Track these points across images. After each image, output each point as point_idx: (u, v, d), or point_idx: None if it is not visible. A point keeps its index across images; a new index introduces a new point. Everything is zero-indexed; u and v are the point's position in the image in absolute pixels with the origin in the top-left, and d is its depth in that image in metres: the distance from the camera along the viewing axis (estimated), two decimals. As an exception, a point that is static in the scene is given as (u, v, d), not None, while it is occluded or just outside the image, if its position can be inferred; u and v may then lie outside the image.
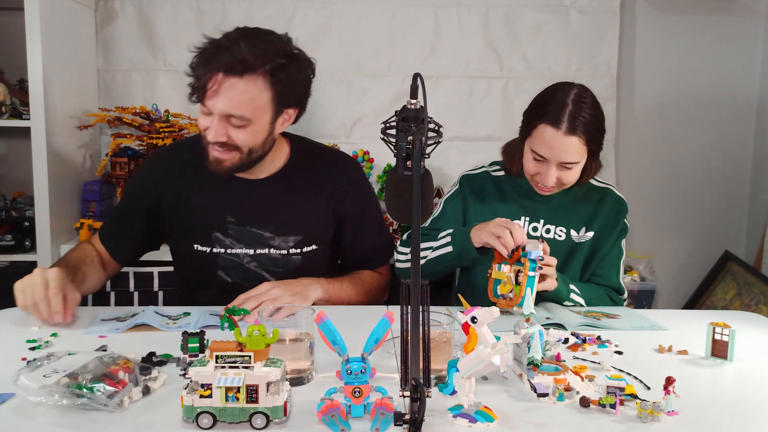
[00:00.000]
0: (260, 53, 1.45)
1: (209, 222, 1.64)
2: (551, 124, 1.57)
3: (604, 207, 1.74)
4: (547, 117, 1.58)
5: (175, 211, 1.66)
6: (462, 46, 2.67)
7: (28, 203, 2.34)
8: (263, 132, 1.53)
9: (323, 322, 1.00)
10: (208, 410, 0.95)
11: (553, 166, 1.60)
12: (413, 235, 0.97)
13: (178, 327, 1.40)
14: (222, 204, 1.63)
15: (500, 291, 1.52)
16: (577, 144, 1.57)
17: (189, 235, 1.66)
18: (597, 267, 1.75)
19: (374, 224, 1.79)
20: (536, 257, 1.45)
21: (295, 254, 1.65)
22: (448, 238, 1.64)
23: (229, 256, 1.64)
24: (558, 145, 1.57)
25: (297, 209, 1.66)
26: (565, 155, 1.58)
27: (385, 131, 1.13)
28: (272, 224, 1.63)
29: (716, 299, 2.80)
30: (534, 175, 1.65)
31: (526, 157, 1.65)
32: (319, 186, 1.68)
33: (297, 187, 1.66)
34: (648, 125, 2.86)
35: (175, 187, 1.65)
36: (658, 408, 1.00)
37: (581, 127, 1.56)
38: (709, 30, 2.81)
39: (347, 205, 1.71)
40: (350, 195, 1.71)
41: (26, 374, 1.04)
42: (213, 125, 1.48)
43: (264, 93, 1.47)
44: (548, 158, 1.59)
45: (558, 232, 1.73)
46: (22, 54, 2.13)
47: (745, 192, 2.93)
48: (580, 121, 1.56)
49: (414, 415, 0.84)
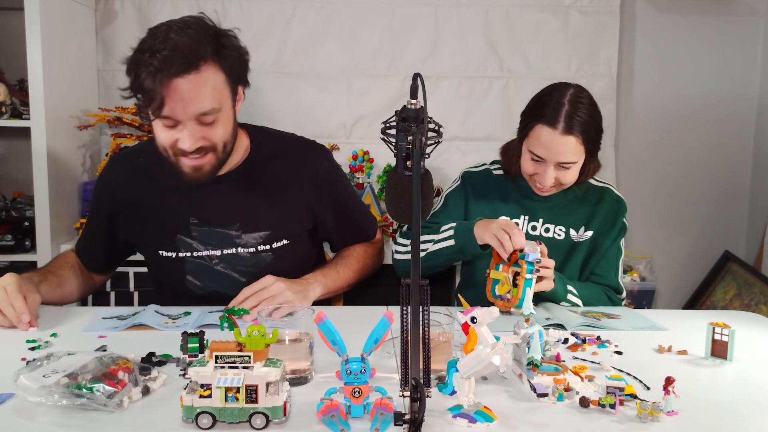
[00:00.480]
0: (199, 38, 1.36)
1: (171, 226, 1.58)
2: (548, 125, 1.57)
3: (603, 206, 1.75)
4: (544, 117, 1.58)
5: (135, 217, 1.60)
6: (462, 46, 2.67)
7: (28, 203, 2.34)
8: (230, 119, 1.45)
9: (323, 322, 1.00)
10: (208, 410, 0.95)
11: (551, 167, 1.60)
12: (413, 235, 0.96)
13: (177, 327, 1.40)
14: (183, 206, 1.57)
15: (498, 291, 1.52)
16: (574, 144, 1.57)
17: (152, 241, 1.61)
18: (596, 266, 1.75)
19: (353, 204, 1.75)
20: (533, 260, 1.45)
21: (264, 251, 1.59)
22: (450, 232, 1.65)
23: (195, 260, 1.59)
24: (555, 145, 1.57)
25: (263, 204, 1.59)
26: (562, 155, 1.58)
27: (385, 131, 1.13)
28: (238, 221, 1.57)
29: (716, 299, 2.80)
30: (532, 175, 1.66)
31: (524, 157, 1.65)
32: (286, 181, 1.61)
33: (261, 182, 1.59)
34: (648, 125, 2.86)
35: (132, 192, 1.59)
36: (658, 408, 1.00)
37: (578, 127, 1.56)
38: (709, 30, 2.81)
39: (321, 197, 1.64)
40: (322, 186, 1.64)
41: (26, 374, 1.04)
42: (185, 134, 1.38)
43: (219, 75, 1.39)
44: (545, 158, 1.60)
45: (557, 231, 1.73)
46: (22, 54, 2.14)
47: (745, 192, 2.94)
48: (576, 121, 1.56)
49: (414, 415, 0.83)
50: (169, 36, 1.35)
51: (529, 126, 1.62)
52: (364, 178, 2.61)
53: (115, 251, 1.70)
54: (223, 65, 1.40)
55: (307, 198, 1.63)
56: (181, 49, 1.33)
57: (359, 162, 2.61)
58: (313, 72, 2.68)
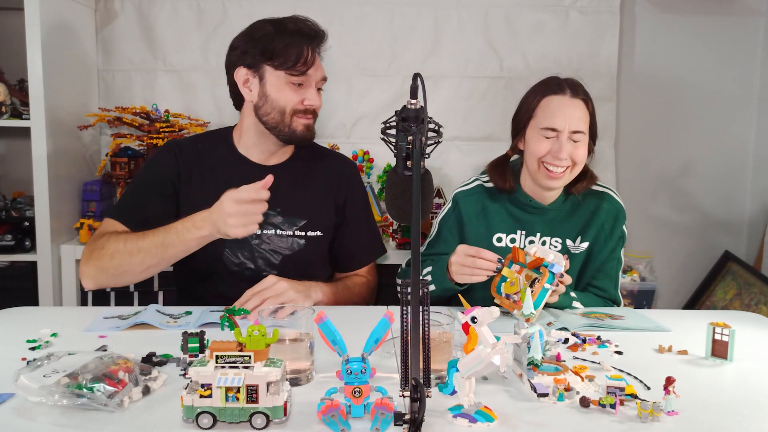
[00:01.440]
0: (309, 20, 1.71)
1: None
2: (555, 93, 1.65)
3: (600, 215, 1.73)
4: (549, 89, 1.66)
5: (189, 196, 1.70)
6: (462, 46, 2.67)
7: (28, 203, 2.34)
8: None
9: (323, 322, 1.00)
10: (208, 410, 0.95)
11: (565, 138, 1.61)
12: (413, 236, 0.97)
13: (178, 326, 1.40)
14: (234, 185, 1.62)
15: (504, 290, 1.52)
16: (583, 109, 1.64)
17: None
18: (593, 278, 1.75)
19: (362, 223, 1.85)
20: (557, 272, 1.46)
21: (299, 236, 1.73)
22: (428, 277, 1.66)
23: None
24: (567, 108, 1.62)
25: (303, 194, 1.75)
26: (574, 120, 1.62)
27: (385, 131, 1.13)
28: (280, 206, 1.71)
29: (716, 299, 2.80)
30: (545, 156, 1.63)
31: (534, 140, 1.65)
32: (322, 177, 1.80)
33: (303, 175, 1.78)
34: (648, 125, 2.86)
35: (191, 173, 1.72)
36: (658, 408, 1.00)
37: (582, 92, 1.66)
38: (709, 30, 2.81)
39: (342, 199, 1.81)
40: (347, 192, 1.82)
41: (26, 374, 1.04)
42: (310, 94, 1.67)
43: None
44: (559, 128, 1.61)
45: (553, 243, 1.72)
46: (22, 54, 2.13)
47: (745, 192, 2.93)
48: (579, 88, 1.67)
49: (414, 415, 0.84)
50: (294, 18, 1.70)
51: (533, 105, 1.67)
52: (364, 178, 2.61)
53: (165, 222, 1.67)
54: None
55: (334, 195, 1.80)
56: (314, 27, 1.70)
57: (359, 162, 2.61)
58: (313, 72, 2.68)
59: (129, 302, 2.32)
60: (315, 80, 1.68)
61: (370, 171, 2.64)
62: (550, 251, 1.50)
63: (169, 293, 2.31)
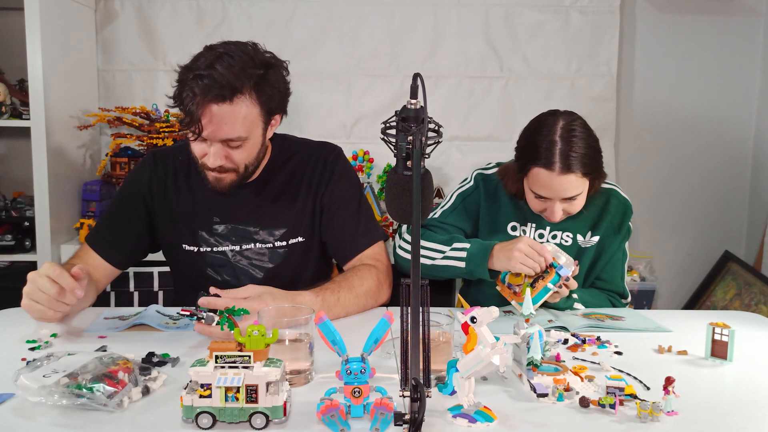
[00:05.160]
0: (240, 71, 1.45)
1: (195, 223, 1.65)
2: (544, 167, 1.54)
3: (609, 209, 1.73)
4: (539, 160, 1.54)
5: (163, 210, 1.67)
6: (462, 46, 2.67)
7: (28, 203, 2.34)
8: (258, 144, 1.55)
9: (323, 322, 1.00)
10: (208, 410, 0.95)
11: (557, 203, 1.59)
12: (413, 236, 0.96)
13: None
14: (208, 206, 1.65)
15: (509, 279, 1.52)
16: (574, 180, 1.55)
17: (177, 234, 1.67)
18: (602, 270, 1.75)
19: (350, 206, 1.71)
20: (564, 275, 1.46)
21: (280, 247, 1.67)
22: (463, 254, 1.62)
23: (215, 254, 1.65)
24: (556, 185, 1.55)
25: (281, 204, 1.67)
26: (566, 192, 1.56)
27: (385, 131, 1.13)
28: (257, 221, 1.66)
29: (716, 299, 2.80)
30: (540, 212, 1.65)
31: (529, 195, 1.65)
32: (299, 178, 1.69)
33: (278, 184, 1.67)
34: (648, 125, 2.86)
35: (166, 187, 1.67)
36: (658, 408, 1.00)
37: (576, 163, 1.52)
38: (709, 30, 2.81)
39: (323, 189, 1.69)
40: (327, 181, 1.69)
41: (26, 374, 1.04)
42: (211, 152, 1.50)
43: (253, 109, 1.49)
44: (549, 197, 1.59)
45: (564, 237, 1.72)
46: (22, 54, 2.13)
47: (745, 192, 2.93)
48: (573, 158, 1.52)
49: (414, 415, 0.84)
50: (214, 66, 1.44)
51: (526, 168, 1.59)
52: (364, 178, 2.61)
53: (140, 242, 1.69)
54: (261, 98, 1.50)
55: (314, 192, 1.68)
56: (220, 81, 1.43)
57: (359, 162, 2.61)
58: (313, 72, 2.68)
59: (129, 302, 2.32)
60: (213, 139, 1.47)
61: (370, 171, 2.64)
62: (563, 254, 1.51)
63: (169, 293, 2.31)
